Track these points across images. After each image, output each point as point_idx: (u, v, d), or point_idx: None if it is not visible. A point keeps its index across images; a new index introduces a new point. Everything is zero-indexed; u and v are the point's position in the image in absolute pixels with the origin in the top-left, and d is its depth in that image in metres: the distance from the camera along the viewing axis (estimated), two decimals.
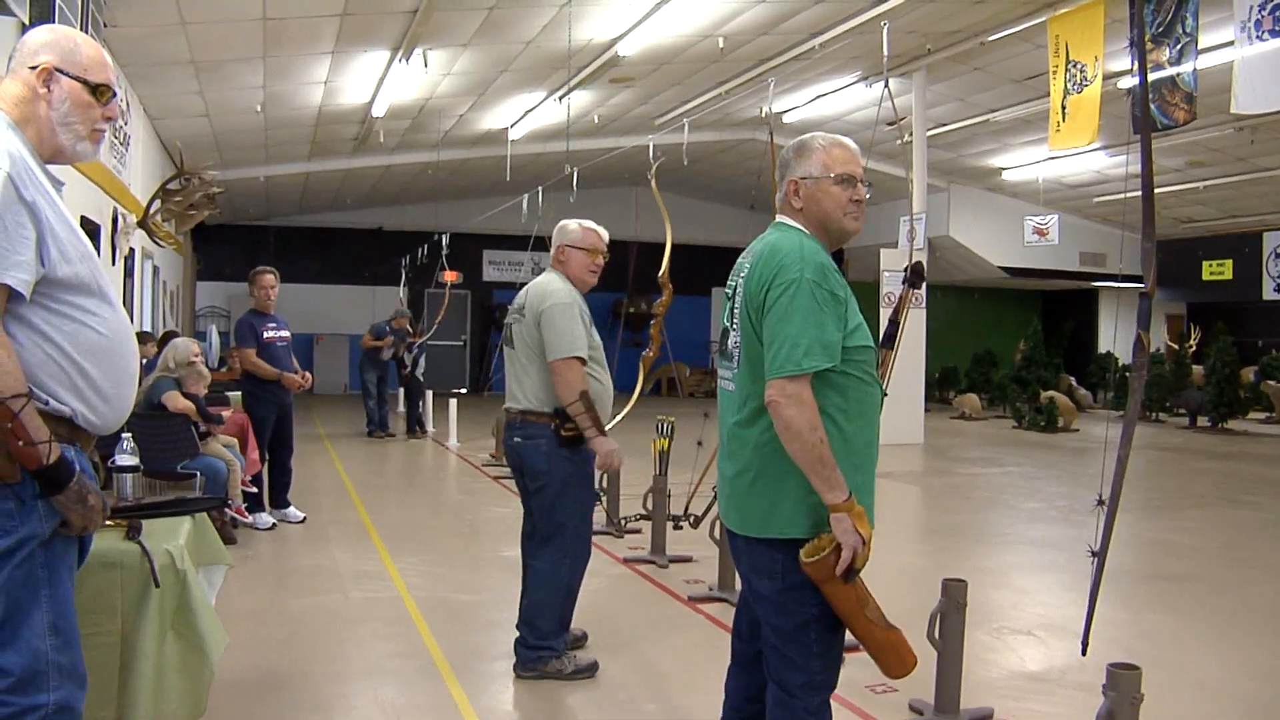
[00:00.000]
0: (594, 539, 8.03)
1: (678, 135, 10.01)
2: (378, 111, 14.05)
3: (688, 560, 7.31)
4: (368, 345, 15.66)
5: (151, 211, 10.25)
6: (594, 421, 4.84)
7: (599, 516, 8.55)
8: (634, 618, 6.08)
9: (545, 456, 4.90)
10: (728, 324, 3.13)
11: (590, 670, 5.04)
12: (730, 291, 3.14)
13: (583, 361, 4.88)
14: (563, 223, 5.34)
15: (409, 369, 15.87)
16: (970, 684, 4.58)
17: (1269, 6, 9.22)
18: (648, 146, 9.23)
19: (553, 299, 4.93)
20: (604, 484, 8.46)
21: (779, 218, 3.19)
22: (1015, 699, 4.81)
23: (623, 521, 8.35)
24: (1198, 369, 20.94)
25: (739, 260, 3.18)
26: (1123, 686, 3.25)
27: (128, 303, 11.13)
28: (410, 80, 12.70)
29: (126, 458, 3.99)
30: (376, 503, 9.81)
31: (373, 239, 24.43)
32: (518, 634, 5.05)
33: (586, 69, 13.16)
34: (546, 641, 4.98)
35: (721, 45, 12.80)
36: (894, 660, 3.00)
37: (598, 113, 16.39)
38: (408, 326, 16.01)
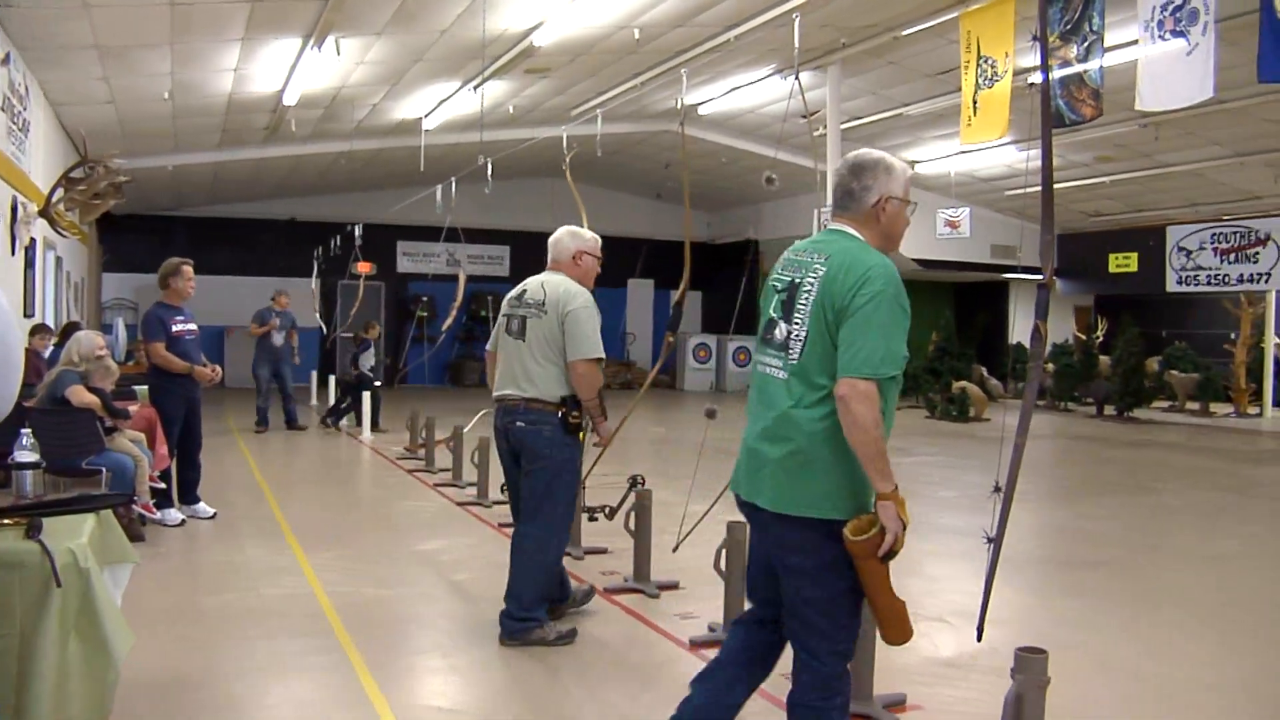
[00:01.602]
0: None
1: (592, 127, 9.98)
2: (289, 100, 13.82)
3: (603, 552, 7.31)
4: (255, 333, 15.19)
5: (54, 200, 10.01)
6: (604, 413, 5.37)
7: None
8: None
9: (549, 442, 5.25)
10: (776, 316, 3.38)
11: (571, 636, 5.39)
12: (782, 286, 3.40)
13: (600, 361, 5.30)
14: (574, 230, 5.68)
15: (356, 367, 15.59)
16: (883, 670, 4.64)
17: (1169, 8, 9.44)
18: (562, 138, 9.18)
19: (579, 301, 5.30)
20: None
21: (839, 225, 3.45)
22: (927, 685, 4.89)
23: None
24: (1105, 359, 21.43)
25: (790, 258, 3.44)
26: (1030, 670, 3.31)
27: (28, 295, 10.83)
28: (322, 69, 12.50)
29: (26, 454, 3.88)
30: (289, 498, 9.67)
31: (285, 230, 24.04)
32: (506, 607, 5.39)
33: (501, 59, 13.07)
34: (531, 613, 5.33)
35: (637, 37, 12.78)
36: (900, 630, 3.30)
37: (513, 103, 16.27)
38: (289, 306, 15.49)
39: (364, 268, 19.35)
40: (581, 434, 5.39)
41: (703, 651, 5.26)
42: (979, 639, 3.66)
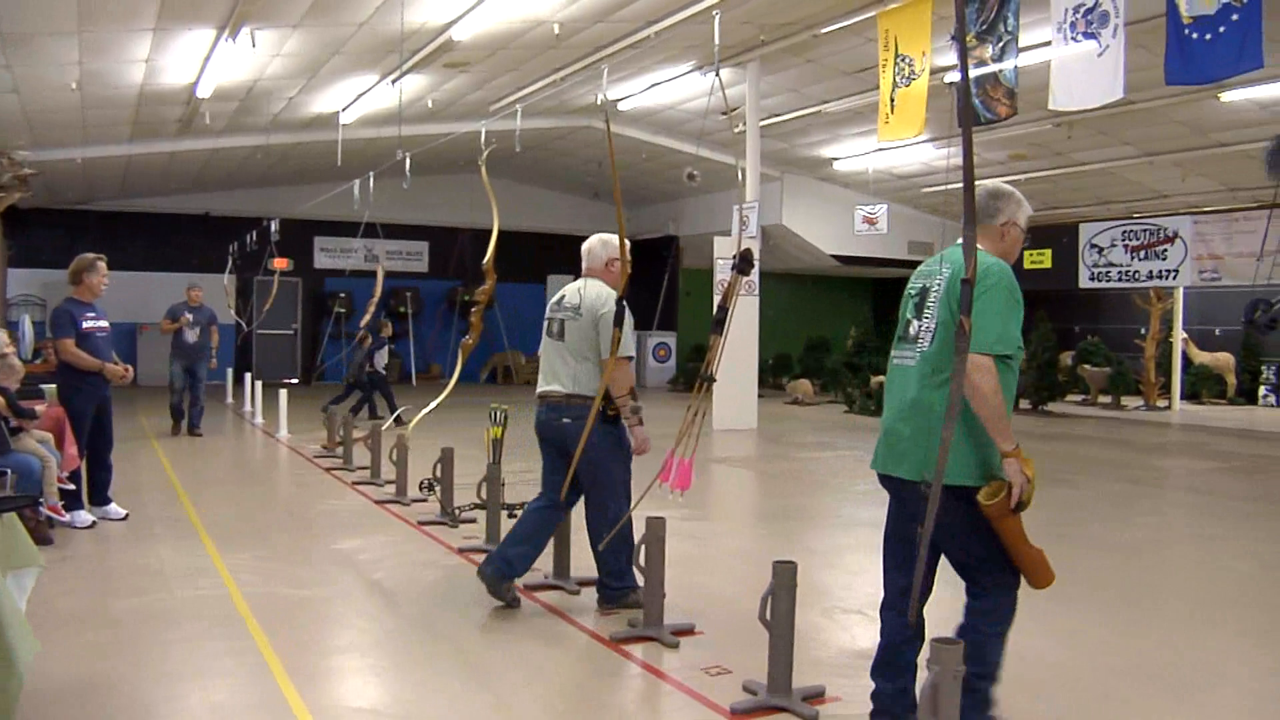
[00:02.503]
0: (428, 529, 8.00)
1: (512, 122, 9.94)
2: (203, 92, 13.59)
3: None
4: (166, 330, 14.22)
5: None
6: (636, 412, 5.75)
7: (433, 507, 8.51)
8: (470, 606, 6.03)
9: (592, 432, 5.62)
10: (910, 316, 4.08)
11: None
12: (915, 292, 4.11)
13: (630, 359, 5.73)
14: (605, 238, 6.10)
15: (372, 364, 15.50)
16: (802, 663, 4.67)
17: (1081, 10, 9.65)
18: (480, 133, 9.13)
19: (610, 303, 5.73)
20: (437, 474, 8.38)
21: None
22: (845, 676, 4.93)
23: (457, 511, 8.27)
24: None
25: (922, 269, 4.18)
26: (946, 660, 3.35)
27: None
28: (237, 61, 12.31)
29: None
30: (204, 498, 9.50)
31: (200, 225, 23.61)
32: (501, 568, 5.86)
33: (420, 53, 12.97)
34: (624, 582, 5.91)
35: (557, 31, 12.75)
36: (1042, 575, 3.86)
37: (432, 98, 16.16)
38: (206, 302, 14.61)
39: (280, 264, 19.07)
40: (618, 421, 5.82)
41: (623, 647, 5.26)
42: (910, 629, 3.71)
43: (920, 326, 4.01)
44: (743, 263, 5.40)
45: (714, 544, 8.10)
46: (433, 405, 9.25)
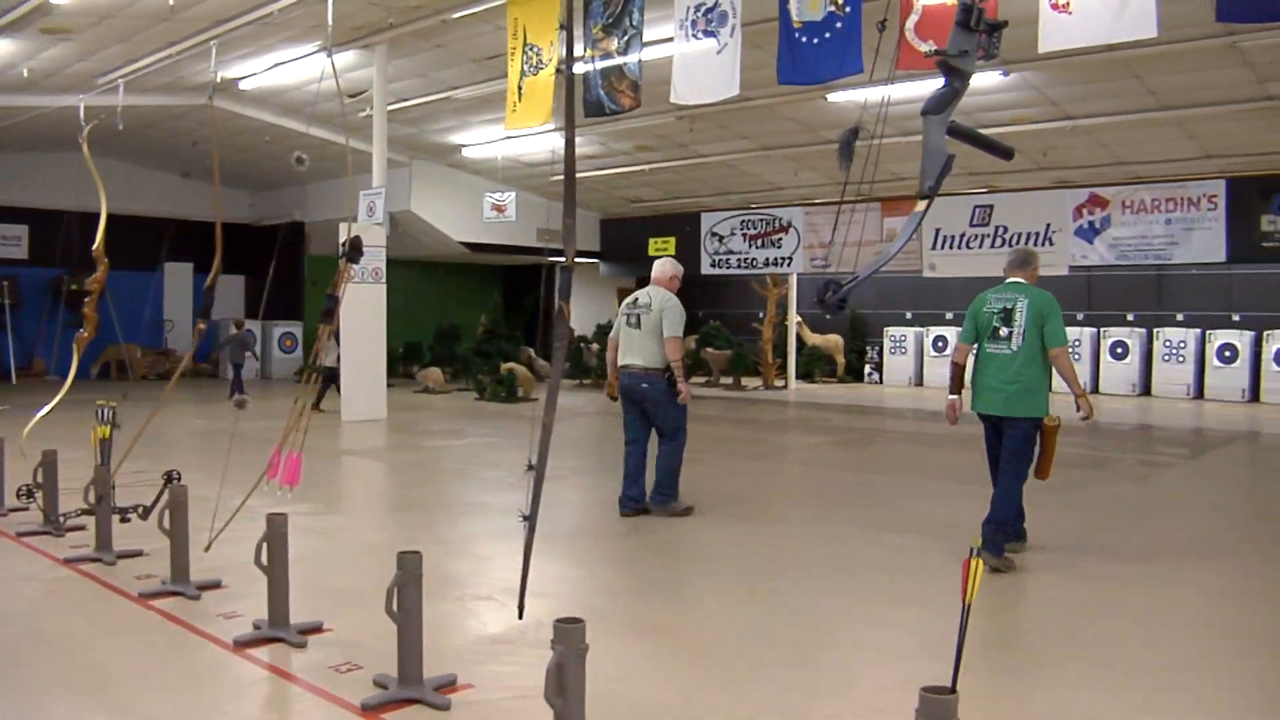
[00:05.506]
0: (29, 540, 7.41)
1: (115, 97, 9.31)
2: None
3: (138, 554, 6.86)
4: None
5: None
6: (685, 375, 8.47)
7: (35, 516, 7.84)
8: (79, 621, 5.64)
9: (664, 393, 8.39)
10: (998, 324, 6.92)
11: (689, 510, 8.64)
12: (998, 310, 6.96)
13: (679, 338, 8.37)
14: (673, 260, 8.93)
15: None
16: (433, 652, 4.65)
17: (702, 9, 10.15)
18: (78, 107, 8.51)
19: (671, 304, 8.48)
20: (38, 479, 7.72)
21: (1016, 278, 7.08)
22: (477, 662, 4.97)
23: (62, 519, 7.65)
24: None
25: (997, 296, 7.04)
26: (569, 639, 3.45)
27: None
28: None
29: None
30: None
31: None
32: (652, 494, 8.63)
33: (10, 14, 11.89)
34: (668, 493, 8.57)
35: (172, 3, 12.05)
36: (1048, 472, 7.01)
37: (28, 66, 14.88)
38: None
39: None
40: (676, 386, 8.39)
41: (248, 651, 5.07)
42: (520, 616, 3.76)
43: (1011, 332, 6.85)
44: (352, 250, 5.36)
45: (342, 538, 7.95)
46: (49, 406, 8.55)
